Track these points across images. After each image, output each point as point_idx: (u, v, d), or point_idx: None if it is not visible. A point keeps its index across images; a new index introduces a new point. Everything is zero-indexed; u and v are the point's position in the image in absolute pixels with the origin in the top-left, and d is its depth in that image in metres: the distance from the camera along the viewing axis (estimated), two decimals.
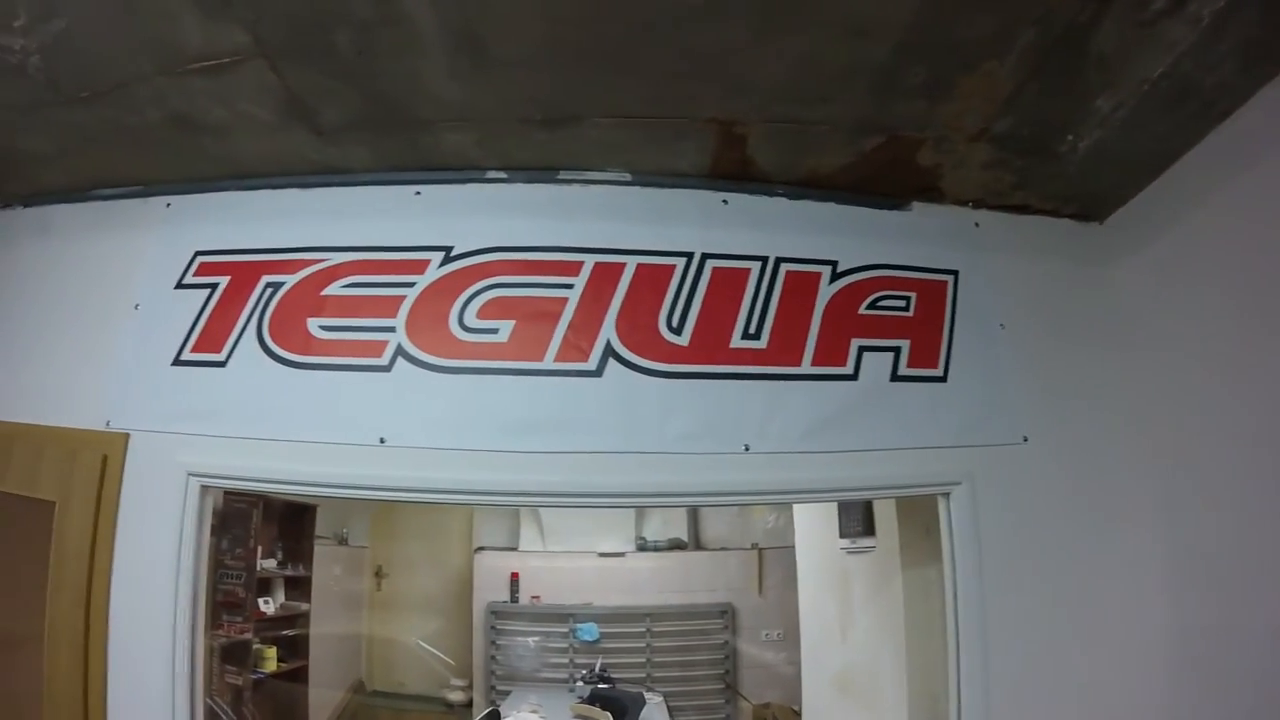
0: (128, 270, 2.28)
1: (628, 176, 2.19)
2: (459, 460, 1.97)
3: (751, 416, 2.04)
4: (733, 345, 2.08)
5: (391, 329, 2.06)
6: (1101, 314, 2.31)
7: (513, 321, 2.05)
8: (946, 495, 2.13)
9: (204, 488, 2.09)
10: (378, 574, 5.82)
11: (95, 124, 2.14)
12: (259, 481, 2.09)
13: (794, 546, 4.34)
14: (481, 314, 2.06)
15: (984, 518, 2.10)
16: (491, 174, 2.20)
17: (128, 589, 2.05)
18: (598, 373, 2.02)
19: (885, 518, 2.65)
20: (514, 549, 5.61)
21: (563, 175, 2.19)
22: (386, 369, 2.04)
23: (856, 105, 1.98)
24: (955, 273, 2.28)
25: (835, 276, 2.19)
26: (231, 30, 1.79)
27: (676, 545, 5.49)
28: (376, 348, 2.05)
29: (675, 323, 2.07)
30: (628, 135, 2.06)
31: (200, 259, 2.24)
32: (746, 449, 2.03)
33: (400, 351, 2.05)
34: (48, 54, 1.92)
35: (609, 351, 2.04)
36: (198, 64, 1.91)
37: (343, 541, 5.62)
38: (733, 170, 2.18)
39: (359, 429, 2.00)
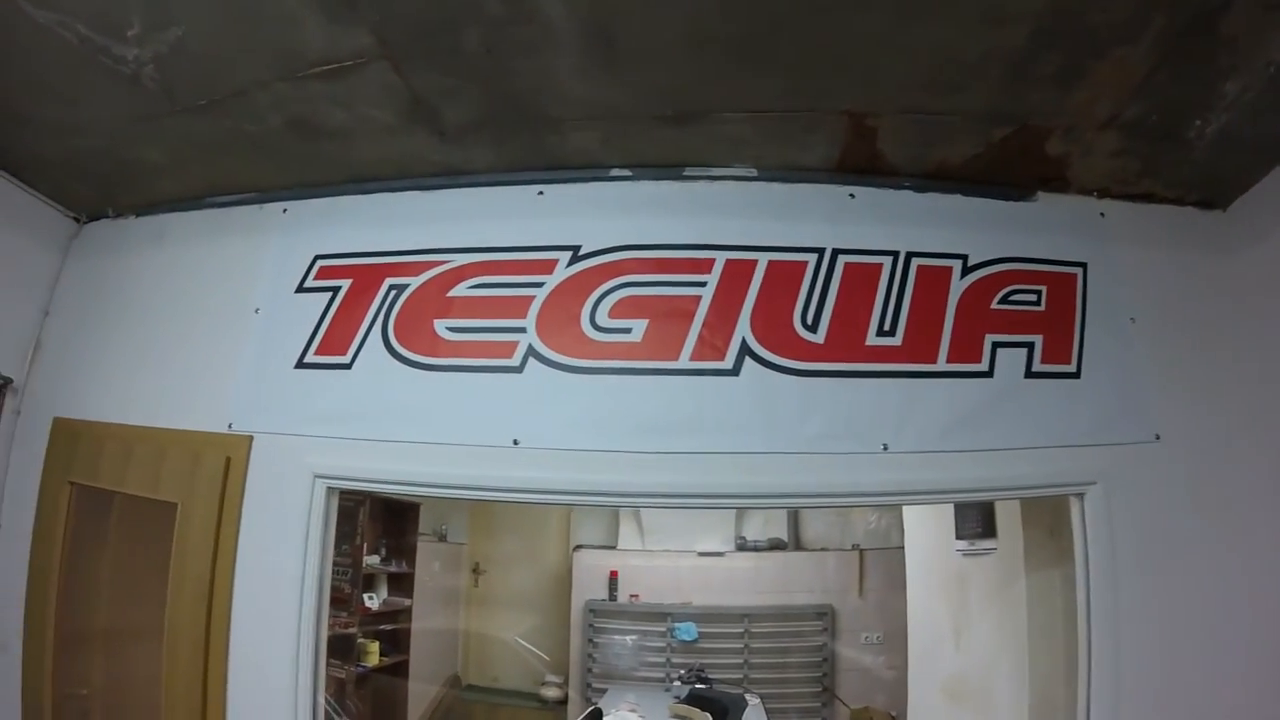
0: (246, 275, 2.29)
1: (754, 172, 2.15)
2: (596, 462, 1.94)
3: (889, 415, 1.99)
4: (868, 343, 2.03)
5: (522, 329, 2.04)
6: (1229, 305, 2.22)
7: (646, 321, 2.02)
8: (1080, 496, 2.06)
9: (330, 489, 2.08)
10: (475, 570, 5.85)
11: (212, 132, 2.15)
12: (388, 483, 2.08)
13: (897, 548, 4.26)
14: (614, 313, 2.03)
15: (1117, 519, 2.03)
16: (615, 172, 2.17)
17: (250, 588, 2.06)
18: (734, 371, 1.98)
19: (1007, 518, 2.57)
20: (612, 547, 5.61)
21: (688, 172, 2.15)
22: (518, 370, 2.02)
23: (989, 95, 1.93)
24: (1084, 265, 2.21)
25: (966, 270, 2.13)
26: (355, 32, 1.78)
27: (776, 545, 5.42)
28: (507, 349, 2.03)
29: (810, 320, 2.03)
30: (757, 129, 2.02)
31: (320, 263, 2.24)
32: (885, 448, 1.98)
33: (531, 352, 2.02)
34: (163, 63, 1.93)
35: (745, 350, 1.99)
36: (319, 68, 1.90)
37: (442, 538, 5.67)
38: (861, 163, 2.14)
39: (492, 430, 1.98)
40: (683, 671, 4.80)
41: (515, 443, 1.97)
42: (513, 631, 5.55)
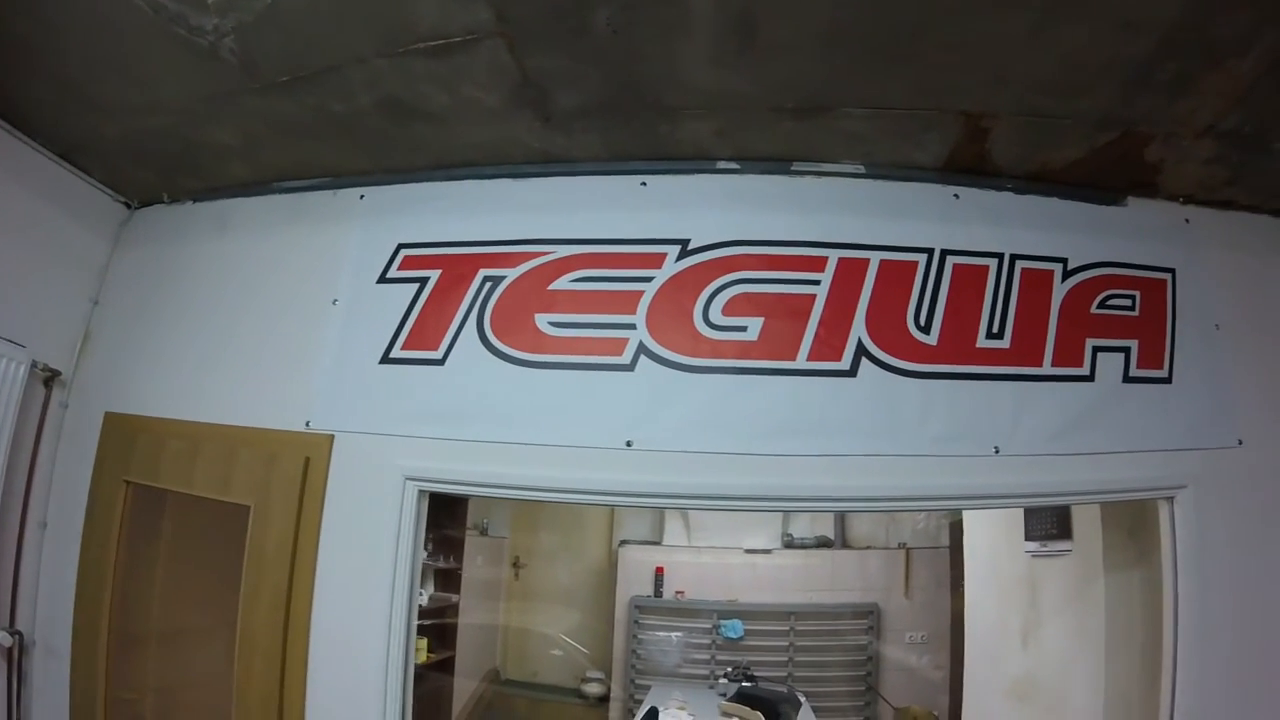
0: (322, 265, 2.18)
1: (862, 169, 2.11)
2: (715, 464, 1.88)
3: (1001, 418, 1.97)
4: (978, 345, 2.01)
5: (632, 326, 1.97)
6: None
7: (761, 319, 1.96)
8: (1171, 499, 2.08)
9: (421, 492, 1.98)
10: (515, 564, 5.74)
11: (294, 111, 2.04)
12: (488, 487, 1.98)
13: (944, 547, 4.25)
14: (728, 310, 1.97)
15: (1205, 522, 2.06)
16: (722, 164, 2.10)
17: (333, 595, 1.98)
18: (852, 372, 1.94)
19: (1084, 520, 2.59)
20: (657, 543, 5.54)
21: (796, 166, 2.10)
22: (629, 368, 1.94)
23: (1106, 100, 1.92)
24: (1172, 270, 2.23)
25: (1066, 274, 2.13)
26: (474, 6, 1.68)
27: (823, 543, 5.40)
28: (617, 345, 1.96)
29: (923, 321, 2.00)
30: (874, 126, 1.98)
31: (404, 252, 2.13)
32: (996, 451, 1.96)
33: (643, 349, 1.95)
34: (245, 34, 1.81)
35: (861, 350, 1.95)
36: (425, 43, 1.81)
37: (483, 532, 5.53)
38: (967, 164, 2.11)
39: (603, 431, 1.91)
40: (729, 669, 4.75)
41: (629, 444, 1.90)
42: (553, 627, 5.49)
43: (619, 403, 1.92)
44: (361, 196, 2.22)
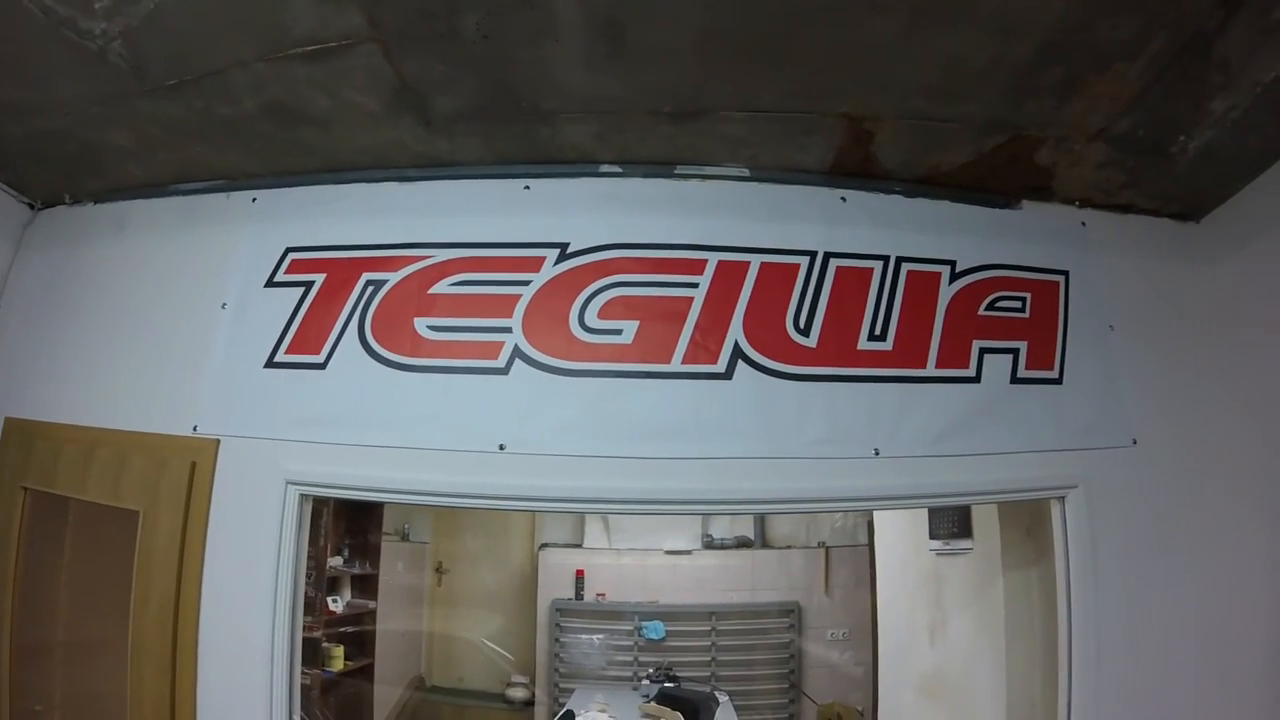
0: (213, 268, 2.18)
1: (746, 172, 2.12)
2: (588, 468, 1.88)
3: (881, 420, 1.98)
4: (860, 347, 2.01)
5: (508, 329, 1.97)
6: (1205, 314, 2.27)
7: (637, 322, 1.97)
8: (1062, 499, 2.09)
9: (303, 496, 1.98)
10: (438, 570, 5.73)
11: (183, 115, 2.04)
12: (366, 490, 1.99)
13: (863, 545, 4.29)
14: (603, 314, 1.97)
15: (1097, 521, 2.07)
16: (605, 168, 2.11)
17: (219, 600, 1.96)
18: (727, 375, 1.94)
19: (984, 520, 2.60)
20: (578, 546, 5.55)
21: (679, 170, 2.10)
22: (504, 371, 1.94)
23: (991, 103, 1.93)
24: (1065, 273, 2.24)
25: (954, 276, 2.14)
26: (347, 11, 1.69)
27: (743, 543, 5.44)
28: (492, 349, 1.96)
29: (803, 324, 2.00)
30: (755, 129, 1.98)
31: (292, 255, 2.13)
32: (876, 453, 1.96)
33: (518, 353, 1.95)
34: (132, 39, 1.81)
35: (738, 353, 1.96)
36: (303, 48, 1.81)
37: (404, 537, 5.55)
38: (854, 167, 2.12)
39: (477, 435, 1.91)
40: (650, 670, 4.78)
41: (501, 448, 1.90)
42: (478, 632, 5.48)
43: (493, 406, 1.92)
44: (254, 199, 2.22)
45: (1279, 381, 2.08)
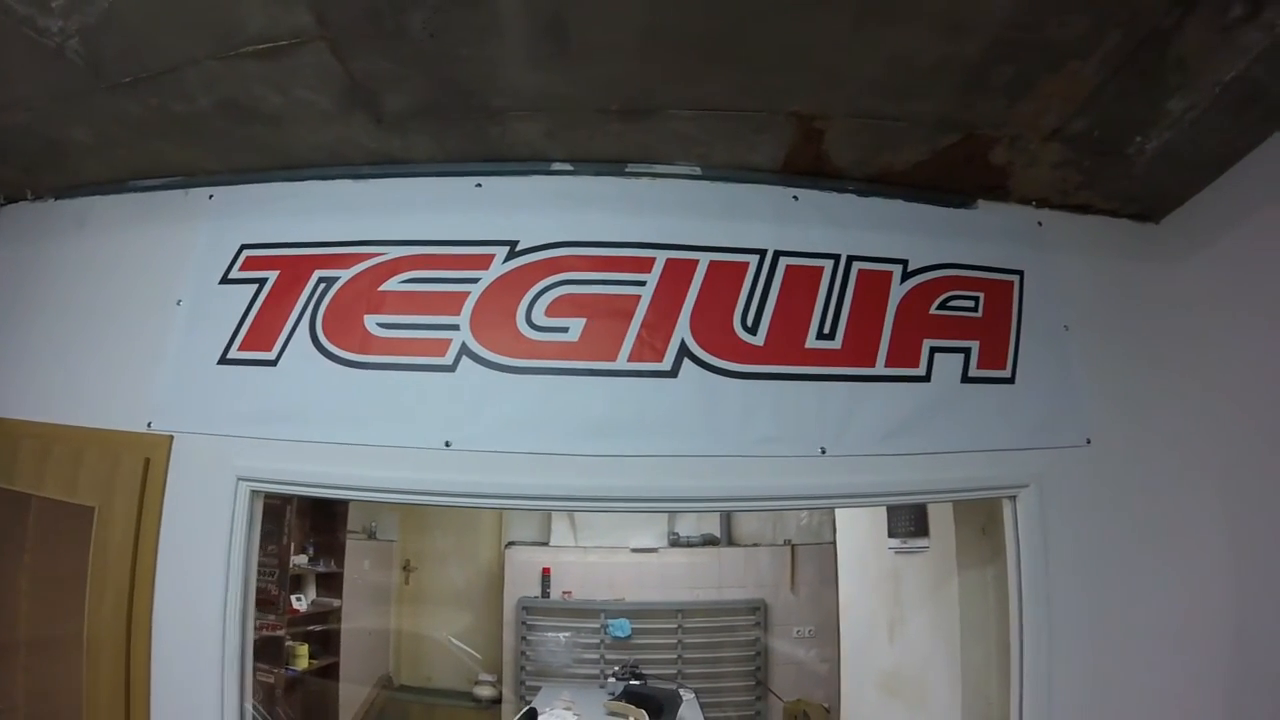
0: (169, 265, 2.19)
1: (698, 170, 2.12)
2: (531, 465, 1.89)
3: (828, 419, 1.98)
4: (808, 345, 2.02)
5: (455, 327, 1.98)
6: (1162, 315, 2.27)
7: (583, 320, 1.97)
8: (1013, 498, 2.09)
9: (254, 492, 2.00)
10: (405, 568, 5.72)
11: (139, 111, 2.05)
12: (314, 487, 2.00)
13: (828, 543, 4.30)
14: (550, 311, 1.98)
15: (1049, 520, 2.07)
16: (557, 166, 2.11)
17: (172, 596, 1.97)
18: (673, 373, 1.95)
19: (940, 518, 2.61)
20: (545, 544, 5.56)
21: (631, 168, 2.11)
22: (451, 369, 1.95)
23: (941, 102, 1.93)
24: (1020, 273, 2.24)
25: (906, 275, 2.14)
26: (295, 10, 1.70)
27: (710, 541, 5.45)
28: (440, 346, 1.97)
29: (750, 322, 2.01)
30: (705, 128, 1.99)
31: (247, 253, 2.14)
32: (823, 452, 1.97)
33: (465, 350, 1.96)
34: (89, 36, 1.82)
35: (684, 351, 1.97)
36: (254, 46, 1.82)
37: (371, 535, 5.53)
38: (806, 166, 2.12)
39: (423, 432, 1.92)
40: (617, 668, 4.79)
41: (447, 445, 1.91)
42: (445, 630, 5.47)
43: (439, 403, 1.93)
44: (210, 196, 2.23)
45: (1237, 381, 2.07)
